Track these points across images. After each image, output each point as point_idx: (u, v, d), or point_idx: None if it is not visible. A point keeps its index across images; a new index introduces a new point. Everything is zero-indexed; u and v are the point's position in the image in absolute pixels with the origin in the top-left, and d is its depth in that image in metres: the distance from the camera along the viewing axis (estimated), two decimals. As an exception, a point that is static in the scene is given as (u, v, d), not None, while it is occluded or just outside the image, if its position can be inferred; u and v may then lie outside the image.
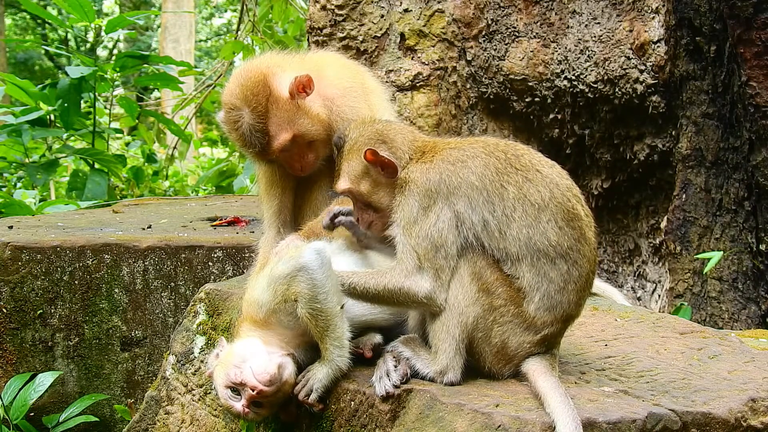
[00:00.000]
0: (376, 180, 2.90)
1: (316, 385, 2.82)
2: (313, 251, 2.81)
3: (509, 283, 2.73)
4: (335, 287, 2.79)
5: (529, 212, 2.72)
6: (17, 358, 4.44)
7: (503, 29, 5.93)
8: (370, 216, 2.96)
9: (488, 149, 2.83)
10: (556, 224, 2.72)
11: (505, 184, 2.75)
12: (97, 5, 25.31)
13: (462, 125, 6.17)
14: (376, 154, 2.85)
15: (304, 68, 3.61)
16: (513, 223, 2.72)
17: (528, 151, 2.88)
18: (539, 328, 2.75)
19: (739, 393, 2.78)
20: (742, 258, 5.14)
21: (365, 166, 2.90)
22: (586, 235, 2.78)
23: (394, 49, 6.17)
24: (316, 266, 2.77)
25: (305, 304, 2.76)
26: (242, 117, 3.46)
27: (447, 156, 2.83)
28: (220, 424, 3.34)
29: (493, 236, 2.72)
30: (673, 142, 5.53)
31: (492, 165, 2.78)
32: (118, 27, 8.66)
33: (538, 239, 2.70)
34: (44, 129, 8.50)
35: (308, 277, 2.76)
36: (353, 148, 2.94)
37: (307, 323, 2.79)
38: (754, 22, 4.75)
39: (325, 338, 2.80)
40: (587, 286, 2.82)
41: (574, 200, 2.79)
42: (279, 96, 3.48)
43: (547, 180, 2.78)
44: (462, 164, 2.78)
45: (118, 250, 4.48)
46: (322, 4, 6.22)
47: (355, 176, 2.93)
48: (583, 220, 2.79)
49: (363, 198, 2.94)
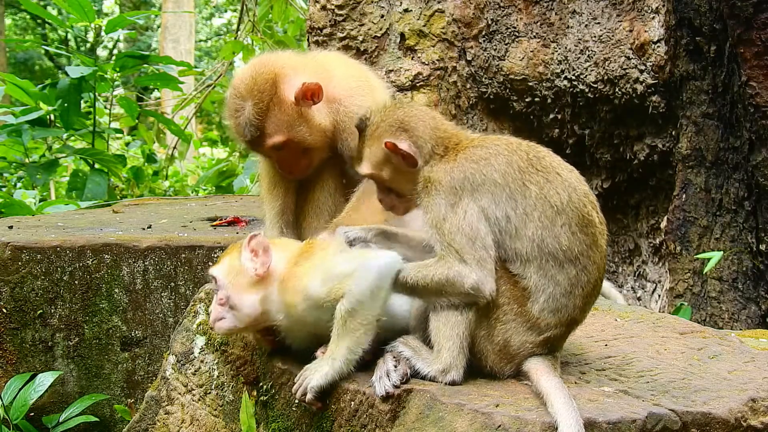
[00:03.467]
0: (397, 167, 2.91)
1: (312, 383, 2.81)
2: (389, 258, 2.78)
3: (514, 282, 2.74)
4: (387, 300, 2.78)
5: (547, 214, 2.73)
6: (17, 358, 4.44)
7: (503, 29, 5.93)
8: (392, 200, 2.99)
9: (511, 148, 2.84)
10: (569, 229, 2.73)
11: (527, 183, 2.76)
12: (97, 5, 25.31)
13: (462, 125, 6.17)
14: (396, 146, 2.86)
15: (315, 72, 3.61)
16: (530, 223, 2.72)
17: (549, 154, 2.90)
18: (542, 329, 2.75)
19: (739, 393, 2.79)
20: (742, 258, 5.14)
21: (386, 153, 2.90)
22: (598, 242, 2.79)
23: (394, 49, 6.18)
24: (386, 273, 2.75)
25: (352, 303, 2.72)
26: (244, 108, 3.49)
27: (471, 155, 2.83)
28: (220, 424, 3.34)
29: (510, 235, 2.73)
30: (673, 142, 5.53)
31: (515, 163, 2.79)
32: (118, 27, 8.66)
33: (550, 242, 2.71)
34: (44, 129, 8.50)
35: (373, 280, 2.73)
36: (374, 134, 2.94)
37: (337, 319, 2.75)
38: (754, 22, 4.74)
39: (345, 339, 2.77)
40: (594, 293, 2.82)
41: (590, 206, 2.81)
42: (284, 98, 3.50)
43: (566, 184, 2.79)
44: (485, 162, 2.79)
45: (118, 250, 4.48)
46: (322, 4, 6.22)
47: (377, 162, 2.94)
48: (597, 227, 2.80)
49: (385, 183, 2.97)
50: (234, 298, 2.92)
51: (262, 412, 3.17)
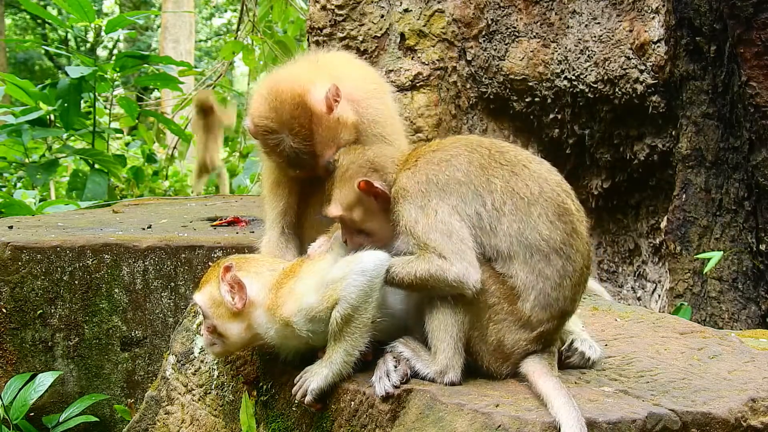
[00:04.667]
0: (369, 208, 2.92)
1: (312, 386, 2.82)
2: (376, 258, 2.77)
3: (502, 281, 2.73)
4: (380, 300, 2.78)
5: (519, 206, 2.72)
6: (17, 358, 4.44)
7: (503, 29, 5.93)
8: (361, 239, 2.96)
9: (470, 147, 2.86)
10: (547, 218, 2.72)
11: (491, 178, 2.76)
12: (97, 5, 25.31)
13: (462, 125, 6.17)
14: (371, 185, 2.87)
15: (326, 76, 3.52)
16: (503, 218, 2.72)
17: (513, 148, 2.90)
18: (534, 325, 2.75)
19: (739, 393, 2.78)
20: (742, 258, 5.14)
21: (358, 194, 2.91)
22: (578, 229, 2.78)
23: (394, 49, 6.18)
24: (375, 274, 2.74)
25: (346, 307, 2.72)
26: (283, 141, 3.33)
27: (430, 158, 2.86)
28: (220, 424, 3.34)
29: (486, 232, 2.73)
30: (673, 142, 5.53)
31: (475, 161, 2.80)
32: (118, 27, 8.66)
33: (530, 234, 2.70)
34: (44, 129, 8.51)
35: (363, 281, 2.73)
36: (345, 175, 2.96)
37: (333, 325, 2.75)
38: (754, 22, 4.75)
39: (342, 342, 2.78)
40: (582, 281, 2.81)
41: (564, 195, 2.79)
42: (321, 115, 3.33)
43: (536, 175, 2.79)
44: (446, 163, 2.81)
45: (118, 250, 4.48)
46: (322, 4, 6.23)
47: (348, 204, 2.94)
48: (575, 214, 2.79)
49: (355, 225, 2.96)
50: (220, 328, 2.95)
51: (262, 412, 3.17)
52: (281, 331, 2.90)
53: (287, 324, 2.86)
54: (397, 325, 2.96)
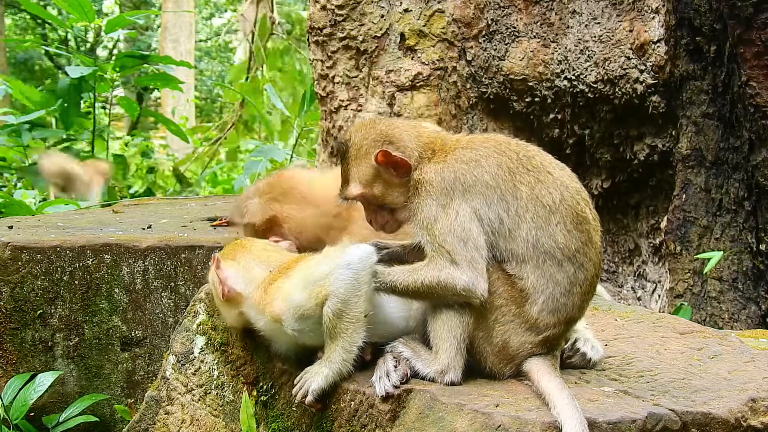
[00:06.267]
0: (389, 181, 2.88)
1: (313, 386, 2.82)
2: (361, 251, 2.77)
3: (511, 283, 2.73)
4: (370, 294, 2.76)
5: (540, 214, 2.71)
6: (17, 358, 4.44)
7: (503, 29, 5.93)
8: (384, 217, 2.94)
9: (500, 148, 2.82)
10: (565, 227, 2.71)
11: (518, 184, 2.75)
12: (97, 5, 25.30)
13: (462, 125, 6.18)
14: (388, 155, 2.83)
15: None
16: (523, 224, 2.71)
17: (539, 153, 2.87)
18: (541, 329, 2.74)
19: (739, 393, 2.78)
20: (742, 258, 5.14)
21: (376, 168, 2.87)
22: (593, 238, 2.78)
23: (394, 49, 6.18)
24: (360, 267, 2.73)
25: (335, 302, 2.72)
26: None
27: (460, 156, 2.81)
28: (220, 424, 3.34)
29: (504, 236, 2.72)
30: (673, 142, 5.53)
31: (505, 164, 2.78)
32: (118, 27, 8.68)
33: (546, 241, 2.70)
34: (44, 129, 8.53)
35: (349, 275, 2.72)
36: (360, 153, 2.91)
37: (326, 322, 2.75)
38: (754, 22, 4.75)
39: (338, 340, 2.77)
40: (591, 290, 2.81)
41: (583, 203, 2.79)
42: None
43: (558, 182, 2.77)
44: (476, 163, 2.78)
45: (118, 250, 4.48)
46: (322, 4, 6.23)
47: (367, 180, 2.89)
48: (591, 223, 2.79)
49: (377, 201, 2.91)
50: (218, 306, 3.21)
51: (262, 412, 3.17)
52: (270, 325, 2.94)
53: (276, 320, 2.88)
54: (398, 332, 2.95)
